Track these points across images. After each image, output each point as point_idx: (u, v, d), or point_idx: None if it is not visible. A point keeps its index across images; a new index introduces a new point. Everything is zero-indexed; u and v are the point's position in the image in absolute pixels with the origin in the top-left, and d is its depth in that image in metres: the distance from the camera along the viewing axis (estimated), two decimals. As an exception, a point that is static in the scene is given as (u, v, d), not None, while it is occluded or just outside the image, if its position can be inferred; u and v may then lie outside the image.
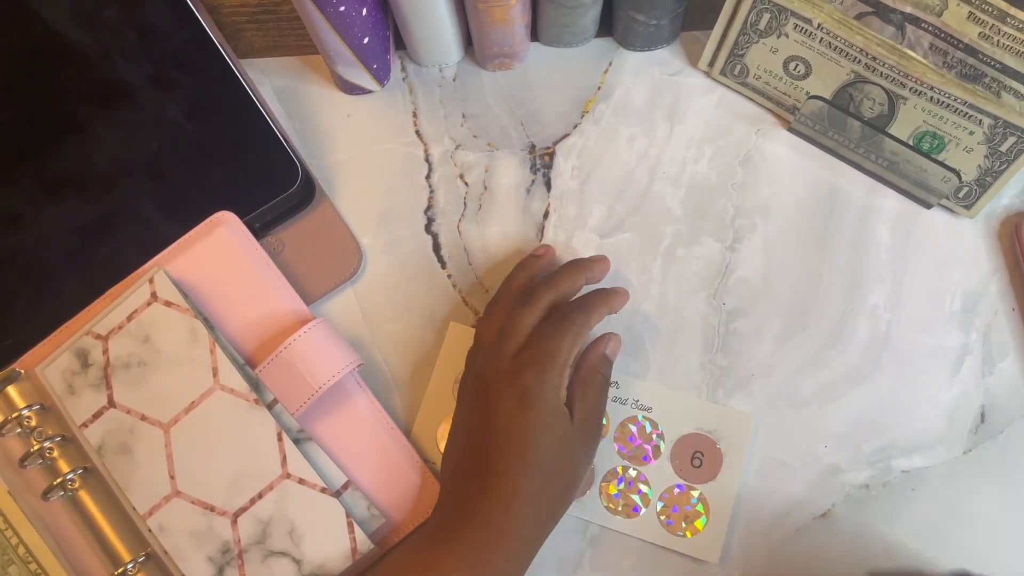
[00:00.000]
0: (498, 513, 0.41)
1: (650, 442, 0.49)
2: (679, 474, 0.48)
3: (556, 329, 0.44)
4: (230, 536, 0.44)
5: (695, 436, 0.48)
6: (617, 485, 0.48)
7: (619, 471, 0.48)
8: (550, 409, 0.42)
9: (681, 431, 0.49)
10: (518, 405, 0.42)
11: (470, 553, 0.41)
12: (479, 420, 0.44)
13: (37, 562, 0.45)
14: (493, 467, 0.42)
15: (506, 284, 0.48)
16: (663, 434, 0.49)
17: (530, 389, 0.42)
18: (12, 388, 0.47)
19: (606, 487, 0.48)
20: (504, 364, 0.44)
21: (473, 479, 0.43)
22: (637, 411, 0.49)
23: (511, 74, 0.55)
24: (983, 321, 0.50)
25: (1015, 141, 0.46)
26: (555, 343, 0.43)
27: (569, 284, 0.46)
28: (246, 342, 0.47)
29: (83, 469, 0.46)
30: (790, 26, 0.48)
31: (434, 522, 0.44)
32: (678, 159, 0.53)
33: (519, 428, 0.42)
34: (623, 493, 0.48)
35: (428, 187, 0.53)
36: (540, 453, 0.42)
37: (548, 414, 0.42)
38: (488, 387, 0.44)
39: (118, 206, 0.50)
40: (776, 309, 0.50)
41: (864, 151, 0.51)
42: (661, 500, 0.48)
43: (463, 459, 0.44)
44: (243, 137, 0.51)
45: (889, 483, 0.48)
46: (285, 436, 0.45)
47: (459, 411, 0.46)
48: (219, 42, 0.52)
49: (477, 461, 0.43)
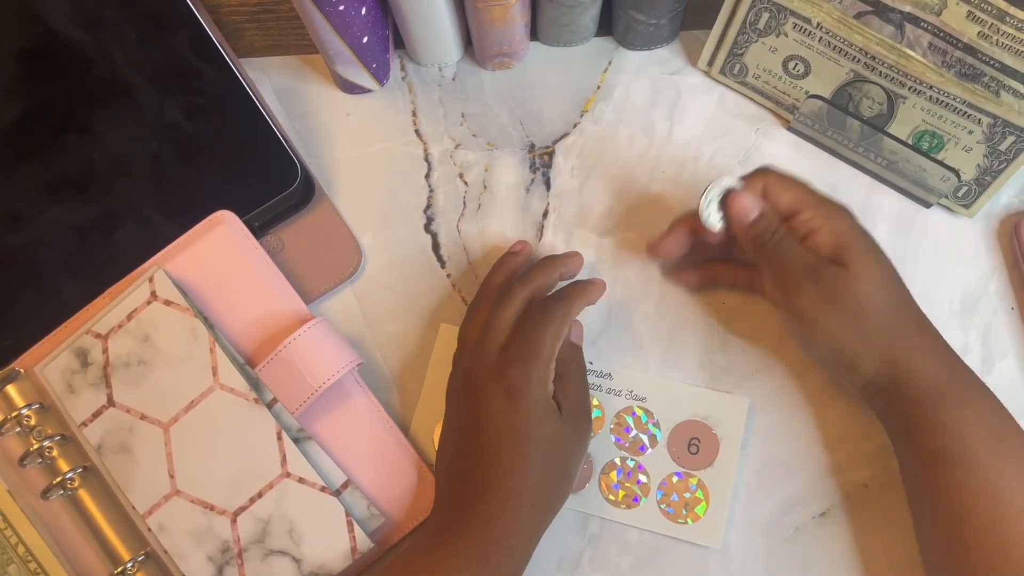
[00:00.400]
0: (497, 510, 0.41)
1: (646, 432, 0.49)
2: (677, 462, 0.48)
3: (537, 323, 0.44)
4: (230, 535, 0.44)
5: (691, 423, 0.48)
6: (616, 476, 0.48)
7: (617, 462, 0.48)
8: (538, 403, 0.43)
9: (676, 419, 0.49)
10: (506, 401, 0.42)
11: (471, 552, 0.41)
12: (469, 419, 0.44)
13: (37, 561, 0.45)
14: (488, 465, 0.42)
15: (485, 283, 0.48)
16: (659, 423, 0.49)
17: (517, 384, 0.42)
18: (12, 387, 0.47)
19: (605, 479, 0.48)
20: (489, 362, 0.44)
21: (469, 478, 0.43)
22: (632, 401, 0.49)
23: (511, 73, 0.55)
24: (982, 320, 0.50)
25: (1014, 140, 0.46)
26: (537, 336, 0.43)
27: (544, 279, 0.47)
28: (246, 341, 0.47)
29: (83, 468, 0.46)
30: (789, 25, 0.48)
31: (433, 522, 0.44)
32: (678, 158, 0.53)
33: (509, 425, 0.42)
34: (622, 484, 0.48)
35: (427, 186, 0.53)
36: (533, 447, 0.42)
37: (537, 408, 0.42)
38: (475, 386, 0.44)
39: (118, 206, 0.50)
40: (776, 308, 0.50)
41: (863, 150, 0.51)
42: (660, 489, 0.48)
43: (456, 459, 0.44)
44: (243, 136, 0.51)
45: (889, 483, 0.48)
46: (285, 435, 0.45)
47: (449, 412, 0.46)
48: (219, 41, 0.52)
49: (471, 460, 0.43)
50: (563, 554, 0.47)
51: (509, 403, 0.42)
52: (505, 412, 0.42)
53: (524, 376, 0.42)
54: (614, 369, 0.49)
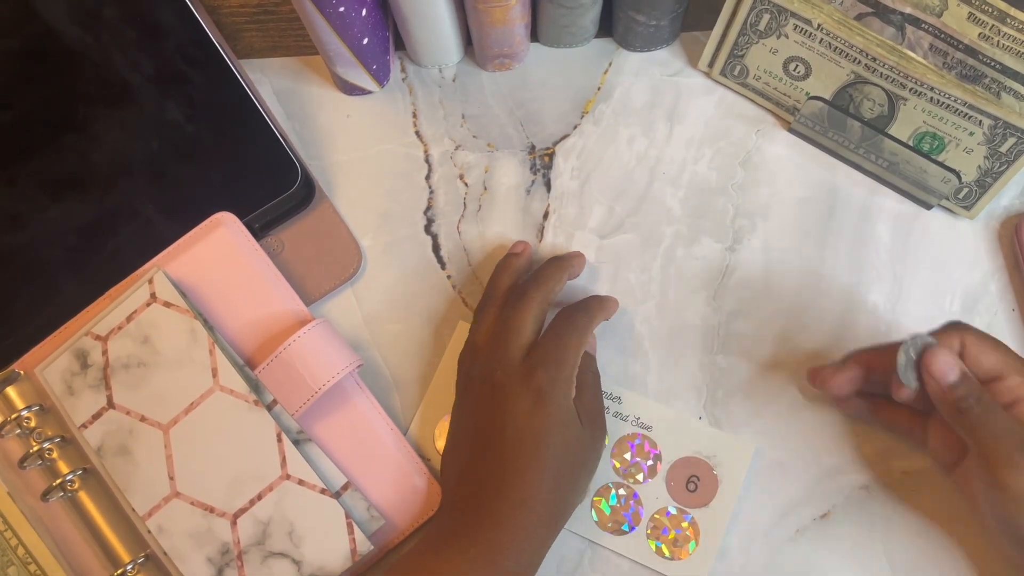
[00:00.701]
0: (510, 514, 0.41)
1: (647, 461, 0.48)
2: (673, 496, 0.48)
3: (564, 330, 0.44)
4: (229, 537, 0.44)
5: (693, 460, 0.48)
6: (609, 501, 0.48)
7: (612, 487, 0.48)
8: (563, 409, 0.42)
9: (679, 453, 0.48)
10: (533, 404, 0.42)
11: (480, 555, 0.41)
12: (488, 421, 0.43)
13: (36, 563, 0.45)
14: (505, 468, 0.42)
15: (492, 286, 0.48)
16: (661, 454, 0.48)
17: (544, 389, 0.42)
18: (11, 389, 0.47)
19: (598, 502, 0.48)
20: (513, 365, 0.44)
21: (484, 481, 0.43)
22: (637, 428, 0.49)
23: (511, 74, 0.55)
24: (983, 321, 0.50)
25: (1015, 142, 0.46)
26: (563, 344, 0.43)
27: (555, 281, 0.47)
28: (246, 343, 0.47)
29: (82, 470, 0.46)
30: (790, 27, 0.48)
31: (444, 523, 0.44)
32: (678, 160, 0.53)
33: (533, 429, 0.42)
34: (615, 510, 0.48)
35: (428, 188, 0.53)
36: (553, 453, 0.42)
37: (561, 414, 0.42)
38: (499, 388, 0.43)
39: (118, 206, 0.50)
40: (776, 309, 0.50)
41: (864, 152, 0.51)
42: (652, 521, 0.47)
43: (472, 460, 0.44)
44: (243, 138, 0.51)
45: (889, 485, 0.48)
46: (285, 437, 0.45)
47: (461, 413, 0.46)
48: (219, 42, 0.52)
49: (489, 462, 0.43)
50: (563, 554, 0.47)
51: (536, 406, 0.42)
52: (531, 416, 0.42)
53: (552, 380, 0.42)
54: (623, 394, 0.49)
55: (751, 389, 0.49)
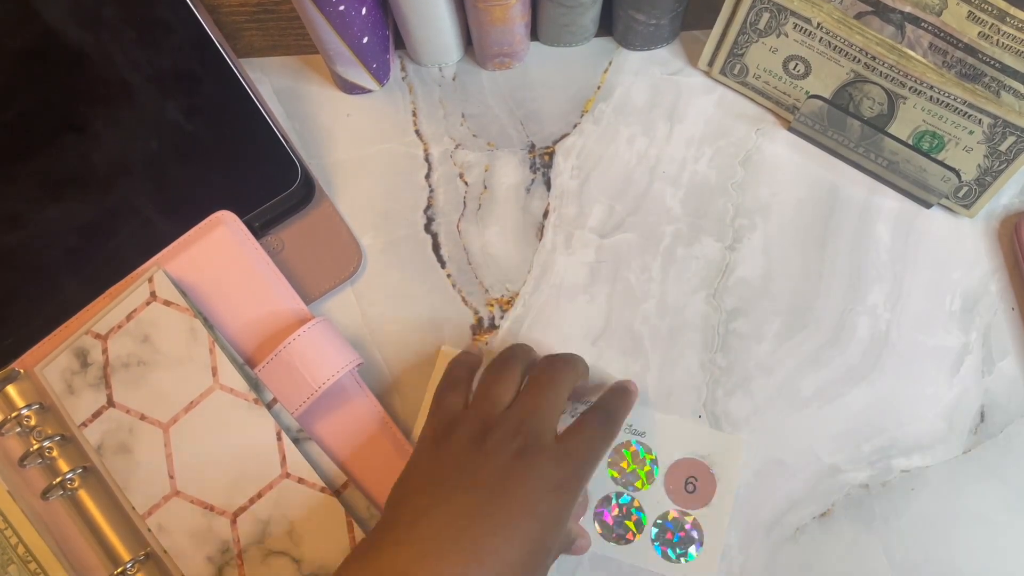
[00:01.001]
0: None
1: (644, 467, 0.48)
2: (673, 499, 0.48)
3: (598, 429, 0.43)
4: (229, 536, 0.44)
5: (689, 461, 0.48)
6: (611, 511, 0.48)
7: (612, 497, 0.48)
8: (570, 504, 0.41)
9: (675, 456, 0.48)
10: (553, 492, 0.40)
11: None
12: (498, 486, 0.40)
13: (36, 561, 0.45)
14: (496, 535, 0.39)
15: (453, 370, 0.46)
16: (657, 459, 0.48)
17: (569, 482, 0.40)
18: (11, 387, 0.47)
19: (600, 514, 0.48)
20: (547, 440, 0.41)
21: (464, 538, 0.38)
22: (631, 436, 0.49)
23: (511, 73, 0.55)
24: (983, 321, 0.50)
25: (1015, 140, 0.46)
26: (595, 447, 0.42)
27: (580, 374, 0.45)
28: (245, 342, 0.47)
29: (82, 469, 0.46)
30: (790, 25, 0.48)
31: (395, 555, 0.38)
32: (678, 159, 0.53)
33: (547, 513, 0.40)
34: (617, 519, 0.48)
35: (428, 187, 0.53)
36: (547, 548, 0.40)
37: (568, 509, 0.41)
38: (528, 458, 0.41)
39: (118, 205, 0.50)
40: (776, 309, 0.50)
41: (864, 151, 0.51)
42: (655, 526, 0.47)
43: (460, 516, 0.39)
44: (243, 137, 0.51)
45: (889, 483, 0.48)
46: (284, 435, 0.45)
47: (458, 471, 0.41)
48: (219, 42, 0.52)
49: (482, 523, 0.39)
50: (562, 555, 0.47)
51: (555, 494, 0.40)
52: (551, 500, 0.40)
53: (579, 478, 0.41)
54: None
55: (751, 388, 0.49)
